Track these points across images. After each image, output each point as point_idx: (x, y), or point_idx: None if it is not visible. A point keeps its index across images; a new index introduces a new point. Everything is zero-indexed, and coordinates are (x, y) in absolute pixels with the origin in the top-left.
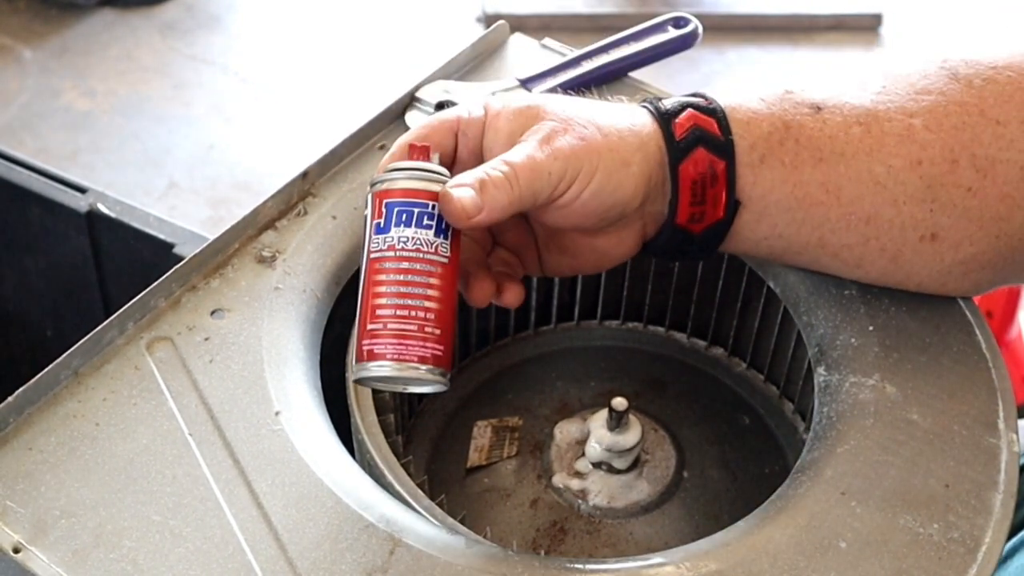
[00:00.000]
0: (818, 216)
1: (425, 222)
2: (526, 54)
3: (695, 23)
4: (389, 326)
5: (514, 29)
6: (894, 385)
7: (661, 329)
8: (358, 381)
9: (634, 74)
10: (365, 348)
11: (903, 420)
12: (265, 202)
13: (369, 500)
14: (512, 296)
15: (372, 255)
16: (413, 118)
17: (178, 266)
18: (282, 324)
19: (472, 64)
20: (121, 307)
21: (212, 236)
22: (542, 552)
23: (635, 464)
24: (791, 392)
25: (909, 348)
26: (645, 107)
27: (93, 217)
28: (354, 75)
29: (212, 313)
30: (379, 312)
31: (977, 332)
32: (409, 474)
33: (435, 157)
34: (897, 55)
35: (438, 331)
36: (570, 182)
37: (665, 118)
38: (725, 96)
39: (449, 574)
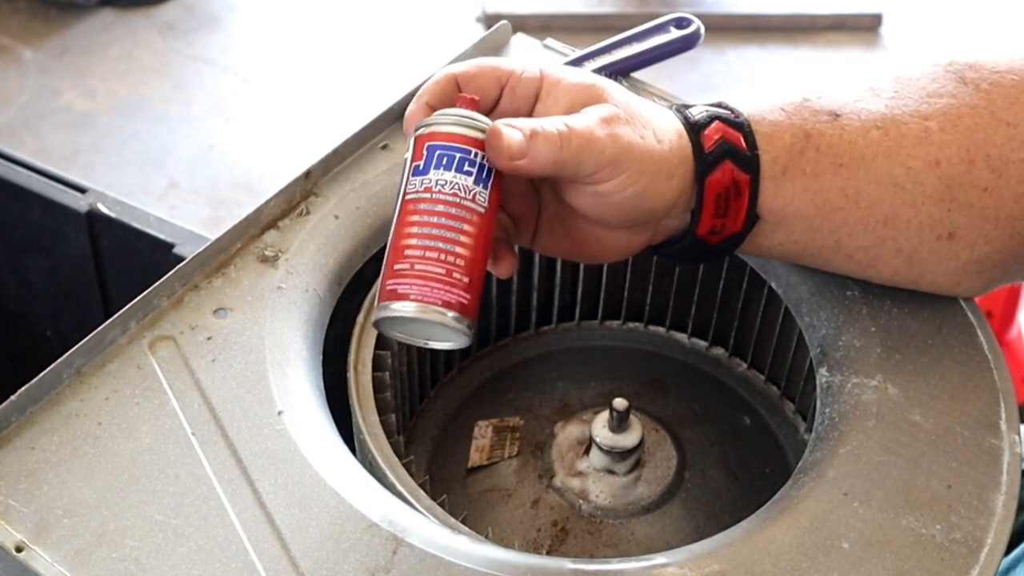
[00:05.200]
0: (836, 221)
1: (466, 168)
2: (528, 54)
3: (697, 24)
4: (416, 267)
5: (514, 29)
6: (896, 386)
7: (662, 329)
8: (378, 323)
9: (635, 74)
10: (388, 288)
11: (905, 421)
12: (268, 201)
13: (371, 500)
14: (506, 266)
15: (407, 196)
16: None
17: (181, 265)
18: (284, 324)
19: None
20: (121, 307)
21: (212, 236)
22: (543, 552)
23: (636, 464)
24: (792, 392)
25: (911, 349)
26: (676, 116)
27: (93, 217)
28: (354, 75)
29: (215, 312)
30: (407, 252)
31: (979, 333)
32: (411, 474)
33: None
34: (902, 60)
35: (467, 279)
36: (617, 172)
37: (695, 129)
38: (746, 104)
39: (452, 574)
